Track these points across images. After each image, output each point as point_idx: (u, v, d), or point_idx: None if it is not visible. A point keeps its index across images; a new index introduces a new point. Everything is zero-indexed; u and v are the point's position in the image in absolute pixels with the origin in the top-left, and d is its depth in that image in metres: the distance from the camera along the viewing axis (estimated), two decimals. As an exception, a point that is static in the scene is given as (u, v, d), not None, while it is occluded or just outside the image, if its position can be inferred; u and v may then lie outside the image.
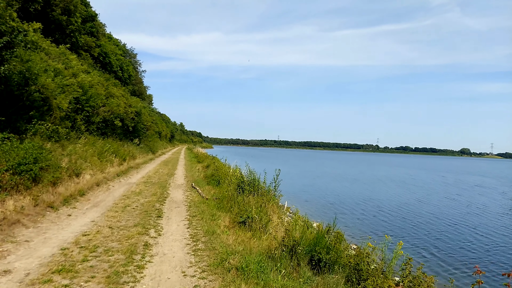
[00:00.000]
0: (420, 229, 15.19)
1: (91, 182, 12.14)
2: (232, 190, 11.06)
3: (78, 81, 17.70)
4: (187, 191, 12.97)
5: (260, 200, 9.18)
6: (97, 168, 14.34)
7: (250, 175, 10.99)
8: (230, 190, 11.10)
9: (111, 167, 16.07)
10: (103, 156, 16.20)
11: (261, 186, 10.55)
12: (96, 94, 19.41)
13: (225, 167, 16.68)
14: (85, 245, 5.89)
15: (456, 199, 25.31)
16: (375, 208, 19.64)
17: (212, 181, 15.08)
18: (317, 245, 5.46)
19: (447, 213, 19.26)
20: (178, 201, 10.80)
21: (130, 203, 9.84)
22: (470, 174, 60.93)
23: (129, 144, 25.89)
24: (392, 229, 15.02)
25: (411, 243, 13.01)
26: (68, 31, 30.99)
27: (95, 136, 18.62)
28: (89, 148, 15.75)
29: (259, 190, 10.37)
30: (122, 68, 48.77)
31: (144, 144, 31.99)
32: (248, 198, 9.42)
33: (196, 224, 7.90)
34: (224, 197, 10.97)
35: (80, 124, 17.16)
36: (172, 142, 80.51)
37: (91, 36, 38.75)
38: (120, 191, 12.03)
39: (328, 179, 37.27)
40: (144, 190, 12.56)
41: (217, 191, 12.77)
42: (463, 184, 39.49)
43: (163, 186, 13.92)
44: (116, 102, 21.31)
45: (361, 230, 14.46)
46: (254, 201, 8.99)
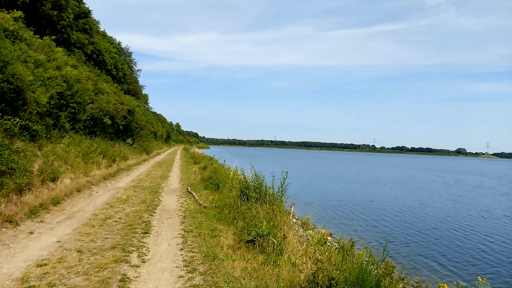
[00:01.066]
0: (427, 235, 13.63)
1: (70, 188, 10.36)
2: (234, 196, 9.35)
3: (62, 74, 15.88)
4: (182, 197, 11.22)
5: (270, 210, 7.47)
6: (80, 171, 12.56)
7: (256, 179, 9.27)
8: (232, 197, 9.39)
9: (98, 170, 14.27)
10: (88, 157, 14.40)
11: (270, 192, 8.85)
12: (84, 90, 17.60)
13: (224, 169, 14.96)
14: (35, 283, 4.15)
15: (459, 201, 23.75)
16: (378, 211, 18.06)
17: (210, 185, 13.35)
18: (364, 285, 3.77)
19: (453, 216, 17.65)
20: (171, 210, 9.06)
21: (112, 214, 8.08)
22: (469, 174, 59.68)
23: (121, 144, 24.05)
24: (397, 235, 13.49)
25: (419, 251, 11.51)
26: (59, 27, 29.15)
27: (81, 135, 16.81)
28: (72, 149, 13.95)
29: (267, 197, 8.67)
30: (117, 66, 46.86)
31: (138, 144, 30.15)
32: (255, 208, 7.71)
33: (192, 244, 6.17)
34: (225, 205, 9.25)
35: (64, 121, 15.34)
36: (168, 143, 78.56)
37: (84, 33, 36.90)
38: (104, 197, 10.26)
39: (326, 180, 35.68)
40: (133, 196, 10.79)
41: (217, 197, 11.04)
42: (463, 184, 38.05)
43: (155, 191, 12.16)
44: (106, 99, 19.49)
45: (369, 236, 12.94)
46: (264, 212, 7.28)
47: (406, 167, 72.70)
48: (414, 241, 12.67)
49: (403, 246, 12.07)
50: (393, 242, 12.40)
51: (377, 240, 12.47)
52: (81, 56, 32.94)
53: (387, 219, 16.29)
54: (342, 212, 17.49)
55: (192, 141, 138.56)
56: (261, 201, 8.53)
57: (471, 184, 39.50)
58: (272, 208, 7.52)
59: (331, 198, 21.88)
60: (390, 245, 11.91)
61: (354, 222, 15.35)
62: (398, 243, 12.37)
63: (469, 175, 55.78)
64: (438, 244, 12.37)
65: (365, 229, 14.11)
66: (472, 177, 52.43)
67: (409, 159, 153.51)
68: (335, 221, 15.13)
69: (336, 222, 15.10)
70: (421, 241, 12.70)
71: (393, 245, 11.95)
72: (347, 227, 14.14)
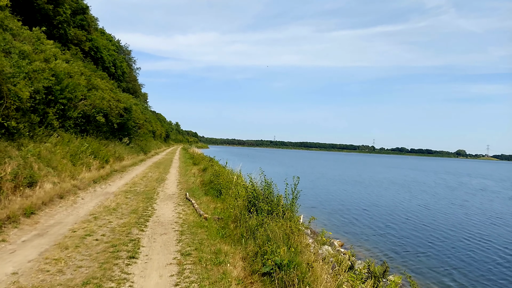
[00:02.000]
0: (438, 245, 12.25)
1: (51, 194, 8.91)
2: (240, 206, 7.92)
3: (50, 67, 14.42)
4: (180, 205, 9.78)
5: (287, 228, 6.04)
6: (66, 173, 11.10)
7: (267, 186, 7.82)
8: (238, 207, 7.96)
9: (87, 172, 12.82)
10: (77, 158, 12.94)
11: (283, 203, 7.42)
12: (75, 85, 16.14)
13: (227, 172, 13.52)
14: None
15: (467, 206, 22.29)
16: (384, 217, 16.66)
17: (211, 190, 11.91)
18: None
19: (463, 224, 16.17)
20: (166, 223, 7.62)
21: (95, 229, 6.63)
22: (471, 176, 58.35)
23: (117, 143, 22.59)
24: (407, 245, 12.13)
25: (431, 263, 10.24)
26: (56, 22, 27.73)
27: (71, 133, 15.35)
28: (60, 149, 12.50)
29: (280, 209, 7.23)
30: (115, 64, 45.39)
31: (135, 144, 28.67)
32: (268, 224, 6.28)
33: (191, 274, 4.73)
34: (229, 217, 7.82)
35: (52, 118, 13.88)
36: (167, 142, 77.05)
37: (81, 29, 35.48)
38: (90, 206, 8.81)
39: (328, 181, 34.27)
40: (123, 204, 9.34)
41: (219, 205, 9.61)
42: (468, 188, 36.66)
43: (149, 197, 10.71)
44: (100, 95, 18.02)
45: (378, 246, 11.66)
46: (280, 231, 5.85)
47: (407, 169, 71.40)
48: (425, 252, 11.36)
49: (414, 257, 10.81)
50: (403, 253, 11.16)
51: (387, 251, 11.21)
52: (78, 52, 31.53)
53: (394, 226, 14.94)
54: (347, 217, 16.19)
55: (191, 141, 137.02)
56: (273, 213, 7.10)
57: (475, 187, 38.19)
58: (289, 225, 6.08)
59: (334, 202, 20.53)
60: (399, 257, 10.67)
61: (361, 229, 14.02)
62: (408, 254, 11.10)
63: (471, 178, 54.50)
64: (452, 257, 11.04)
65: (374, 238, 12.79)
66: (475, 179, 51.15)
67: (409, 160, 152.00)
68: (341, 228, 13.83)
69: (343, 229, 13.78)
70: (432, 253, 11.37)
71: (403, 257, 10.72)
72: (355, 235, 12.85)
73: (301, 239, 6.17)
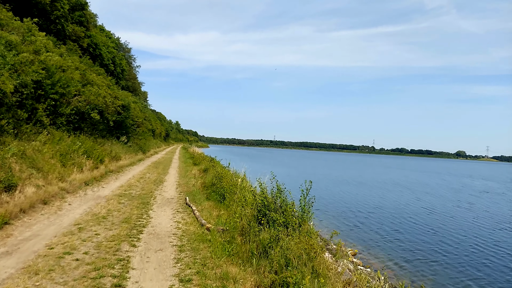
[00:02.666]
0: (449, 253, 11.23)
1: (33, 199, 7.79)
2: (249, 216, 6.81)
3: (41, 59, 13.29)
4: (179, 212, 8.66)
5: (307, 245, 4.94)
6: (54, 175, 9.98)
7: (279, 194, 6.71)
8: (246, 216, 6.86)
9: (79, 173, 11.69)
10: (68, 158, 11.82)
11: (299, 213, 6.32)
12: (68, 79, 15.00)
13: (230, 175, 12.40)
14: None
15: (474, 209, 21.11)
16: (391, 221, 15.59)
17: (213, 194, 10.80)
18: None
19: (473, 229, 14.97)
20: (163, 235, 6.51)
21: (76, 245, 5.52)
22: (473, 178, 57.28)
23: (114, 142, 21.47)
24: (416, 251, 11.16)
25: (445, 273, 9.31)
26: (53, 17, 26.62)
27: (63, 131, 14.23)
28: (48, 148, 11.38)
29: (295, 220, 6.13)
30: (115, 61, 44.23)
31: (134, 143, 27.54)
32: (284, 238, 5.18)
33: (192, 313, 3.65)
34: (235, 229, 6.72)
35: (41, 115, 12.76)
36: (167, 141, 75.91)
37: (80, 25, 34.35)
38: (76, 213, 7.69)
39: (330, 182, 33.15)
40: (115, 210, 8.22)
41: (223, 213, 8.49)
42: (471, 190, 35.56)
43: (145, 202, 9.59)
44: (95, 91, 16.88)
45: (388, 253, 10.65)
46: (299, 249, 4.75)
47: (408, 170, 70.36)
48: (438, 261, 10.37)
49: (427, 266, 9.84)
50: (415, 262, 10.18)
51: (398, 260, 10.25)
52: (77, 49, 30.42)
53: (402, 231, 13.89)
54: (352, 221, 15.18)
55: (191, 140, 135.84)
56: (287, 226, 5.99)
57: (478, 189, 37.13)
58: (311, 243, 4.96)
59: (338, 204, 19.45)
60: (412, 267, 9.70)
61: (368, 234, 13.02)
62: (421, 263, 10.11)
63: (473, 179, 53.45)
64: (467, 266, 10.06)
65: (383, 244, 11.82)
66: (477, 181, 50.10)
67: (409, 161, 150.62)
68: (348, 233, 12.85)
69: (350, 234, 12.79)
70: (446, 261, 10.36)
71: (416, 266, 9.76)
72: (364, 242, 11.88)
73: (323, 258, 5.07)
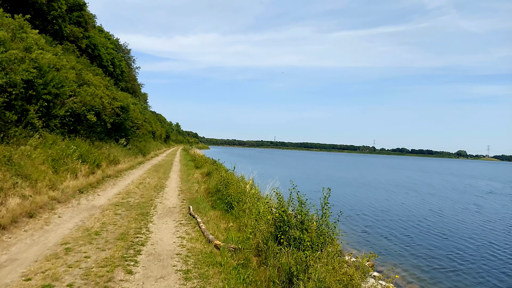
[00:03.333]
0: (468, 261, 10.32)
1: (16, 213, 6.79)
2: (264, 231, 5.81)
3: (32, 57, 12.30)
4: (182, 224, 7.65)
5: (343, 274, 3.96)
6: (44, 183, 8.97)
7: (301, 207, 5.71)
8: (261, 232, 5.87)
9: (73, 180, 10.68)
10: (60, 163, 10.80)
11: (324, 229, 5.33)
12: (63, 79, 14.01)
13: (236, 180, 11.38)
14: None
15: (484, 212, 19.93)
16: (399, 225, 14.70)
17: (219, 202, 9.79)
18: None
19: (486, 233, 13.97)
20: (165, 256, 5.51)
21: (60, 274, 4.51)
22: (476, 178, 56.24)
23: (112, 145, 20.47)
24: (431, 259, 10.24)
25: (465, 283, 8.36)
26: (50, 18, 25.66)
27: (57, 134, 13.24)
28: (39, 152, 10.37)
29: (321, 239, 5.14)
30: (114, 63, 43.22)
31: (133, 145, 26.52)
32: (312, 264, 4.20)
33: None
34: (250, 247, 5.72)
35: (32, 117, 11.77)
36: (167, 143, 74.88)
37: (78, 26, 33.41)
38: (65, 228, 6.67)
39: (333, 184, 32.08)
40: (110, 224, 7.21)
41: (232, 225, 7.49)
42: (476, 190, 34.52)
43: (145, 212, 8.57)
44: (91, 91, 15.89)
45: (402, 261, 9.65)
46: (334, 279, 3.76)
47: (410, 170, 69.33)
48: (454, 270, 9.53)
49: (444, 277, 8.89)
50: (431, 271, 9.30)
51: (413, 269, 9.31)
52: (75, 50, 29.47)
53: (413, 236, 12.91)
54: (359, 225, 14.29)
55: (191, 142, 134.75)
56: (313, 248, 4.99)
57: (483, 189, 36.10)
58: (348, 273, 3.97)
59: (343, 207, 18.44)
60: (429, 277, 8.83)
61: (378, 240, 12.13)
62: (437, 273, 9.18)
63: (477, 179, 52.43)
64: (486, 276, 9.15)
65: (395, 251, 10.90)
66: (481, 181, 49.07)
67: (410, 161, 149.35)
68: (356, 239, 11.97)
69: (358, 240, 11.91)
70: (461, 270, 9.50)
71: (433, 277, 8.87)
72: (375, 249, 10.83)
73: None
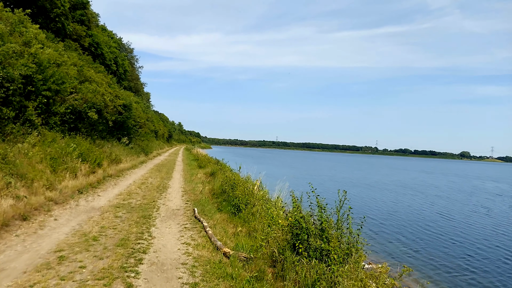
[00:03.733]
0: (483, 271, 9.62)
1: (8, 215, 6.25)
2: (279, 239, 5.25)
3: (31, 52, 11.79)
4: (187, 229, 7.09)
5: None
6: (41, 182, 8.44)
7: (321, 213, 5.13)
8: (275, 238, 5.30)
9: (72, 179, 10.15)
10: (59, 162, 10.28)
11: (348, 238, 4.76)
12: (63, 75, 13.50)
13: (242, 181, 10.81)
14: None
15: (492, 215, 19.02)
16: (408, 229, 13.99)
17: (225, 205, 9.22)
18: None
19: (499, 238, 13.27)
20: (169, 267, 4.95)
21: None
22: (481, 179, 55.41)
23: (114, 144, 19.96)
24: (442, 269, 9.49)
25: None
26: (53, 15, 25.21)
27: (57, 132, 12.72)
28: (37, 150, 9.85)
29: (345, 249, 4.57)
30: (117, 62, 42.76)
31: (136, 144, 26.01)
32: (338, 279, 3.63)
33: None
34: (263, 256, 5.16)
35: (31, 113, 11.25)
36: (169, 142, 74.46)
37: (81, 24, 32.99)
38: (61, 233, 6.12)
39: (337, 184, 31.49)
40: (109, 227, 6.66)
41: (240, 229, 6.92)
42: (484, 192, 33.74)
43: (147, 215, 8.02)
44: (93, 88, 15.36)
45: (417, 268, 8.97)
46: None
47: (413, 171, 68.50)
48: (471, 282, 8.74)
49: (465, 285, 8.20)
50: (444, 282, 8.58)
51: (427, 279, 8.58)
52: (77, 48, 29.02)
53: (422, 243, 12.13)
54: (366, 229, 13.53)
55: (194, 141, 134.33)
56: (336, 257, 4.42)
57: (491, 191, 35.32)
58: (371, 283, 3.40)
59: (354, 208, 17.81)
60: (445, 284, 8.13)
61: (388, 246, 11.36)
62: (453, 280, 8.51)
63: (483, 181, 51.60)
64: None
65: (406, 258, 10.14)
66: (487, 183, 48.23)
67: (413, 162, 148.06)
68: (369, 243, 11.21)
69: (371, 245, 11.21)
70: (477, 280, 8.76)
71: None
72: (386, 255, 10.23)
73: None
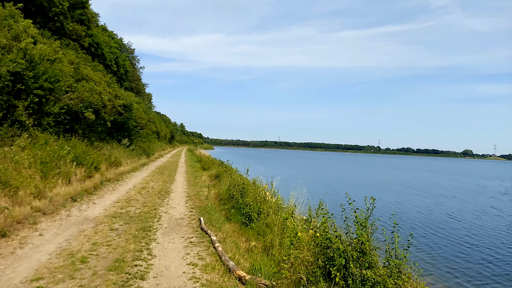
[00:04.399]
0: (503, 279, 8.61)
1: (-17, 231, 5.27)
2: (305, 261, 4.25)
3: (20, 47, 10.81)
4: (193, 243, 6.08)
5: None
6: (28, 190, 7.45)
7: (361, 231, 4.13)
8: (301, 260, 4.30)
9: (65, 185, 9.16)
10: (51, 167, 9.29)
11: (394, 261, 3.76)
12: (57, 73, 12.51)
13: (250, 186, 9.78)
14: None
15: (503, 215, 17.93)
16: (416, 231, 12.96)
17: (233, 212, 8.21)
18: None
19: None
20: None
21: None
22: (486, 178, 54.19)
23: (114, 145, 18.99)
24: (460, 277, 8.47)
25: None
26: (51, 14, 24.24)
27: (51, 133, 11.74)
28: (25, 154, 8.86)
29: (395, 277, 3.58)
30: (118, 62, 41.81)
31: (137, 146, 25.03)
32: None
33: None
34: (288, 285, 4.15)
35: (21, 113, 10.28)
36: (172, 143, 73.50)
37: (81, 24, 32.07)
38: (44, 253, 5.12)
39: (341, 184, 30.40)
40: (102, 244, 5.66)
41: (254, 243, 5.90)
42: (489, 191, 32.57)
43: (147, 227, 7.00)
44: (90, 87, 14.38)
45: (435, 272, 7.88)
46: None
47: (417, 170, 67.31)
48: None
49: None
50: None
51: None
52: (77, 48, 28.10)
53: (435, 246, 11.15)
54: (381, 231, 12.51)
55: (196, 142, 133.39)
56: None
57: (496, 190, 34.16)
58: None
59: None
60: None
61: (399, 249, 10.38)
62: None
63: (487, 180, 50.40)
64: None
65: (418, 263, 9.06)
66: (492, 181, 47.03)
67: (416, 160, 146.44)
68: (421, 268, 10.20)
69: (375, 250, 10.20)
70: None
71: None
72: None
73: None
